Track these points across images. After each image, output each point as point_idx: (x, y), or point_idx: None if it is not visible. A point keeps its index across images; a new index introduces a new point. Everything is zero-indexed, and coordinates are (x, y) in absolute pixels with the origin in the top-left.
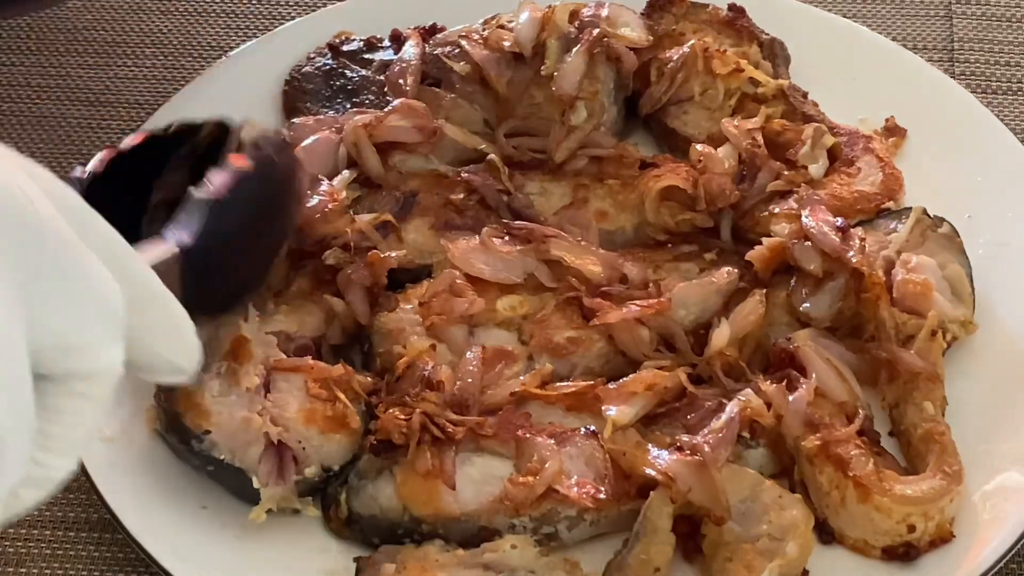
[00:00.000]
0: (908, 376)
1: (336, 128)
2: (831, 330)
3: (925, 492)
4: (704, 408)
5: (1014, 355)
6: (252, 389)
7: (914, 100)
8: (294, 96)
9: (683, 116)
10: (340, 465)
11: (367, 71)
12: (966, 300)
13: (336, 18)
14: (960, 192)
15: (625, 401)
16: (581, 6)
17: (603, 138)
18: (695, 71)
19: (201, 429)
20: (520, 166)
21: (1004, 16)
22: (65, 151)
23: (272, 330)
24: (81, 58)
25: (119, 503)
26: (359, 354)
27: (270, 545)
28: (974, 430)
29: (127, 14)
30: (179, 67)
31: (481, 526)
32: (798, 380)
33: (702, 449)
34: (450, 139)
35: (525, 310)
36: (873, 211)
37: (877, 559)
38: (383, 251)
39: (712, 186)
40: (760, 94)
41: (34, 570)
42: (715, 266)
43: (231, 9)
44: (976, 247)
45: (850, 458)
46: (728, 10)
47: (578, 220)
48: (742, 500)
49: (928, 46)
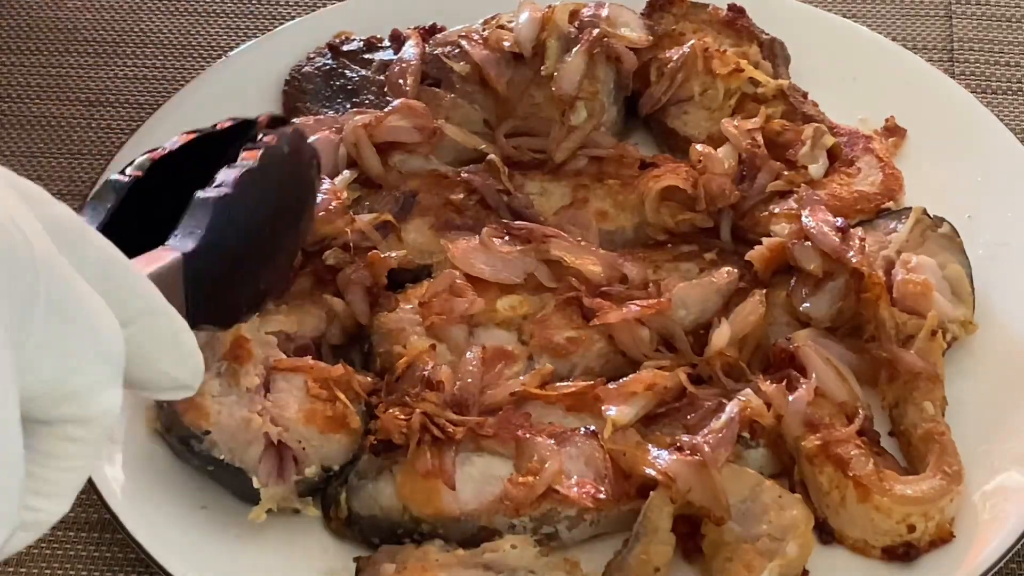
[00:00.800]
0: (908, 376)
1: (336, 128)
2: (831, 330)
3: (925, 492)
4: (704, 408)
5: (1014, 355)
6: (252, 389)
7: (914, 100)
8: (294, 96)
9: (683, 116)
10: (340, 465)
11: (367, 71)
12: (966, 300)
13: (336, 18)
14: (960, 192)
15: (625, 401)
16: (581, 6)
17: (603, 138)
18: (695, 71)
19: (201, 429)
20: (520, 166)
21: (1004, 16)
22: (65, 151)
23: (272, 330)
24: (81, 58)
25: (119, 503)
26: (359, 354)
27: (270, 545)
28: (974, 430)
29: (127, 14)
30: (179, 67)
31: (481, 526)
32: (798, 380)
33: (702, 449)
34: (450, 139)
35: (525, 310)
36: (873, 211)
37: (877, 559)
38: (383, 251)
39: (712, 186)
40: (760, 94)
41: (34, 570)
42: (715, 266)
43: (231, 9)
44: (976, 247)
45: (850, 458)
46: (728, 10)
47: (578, 220)
48: (742, 500)
49: (928, 46)
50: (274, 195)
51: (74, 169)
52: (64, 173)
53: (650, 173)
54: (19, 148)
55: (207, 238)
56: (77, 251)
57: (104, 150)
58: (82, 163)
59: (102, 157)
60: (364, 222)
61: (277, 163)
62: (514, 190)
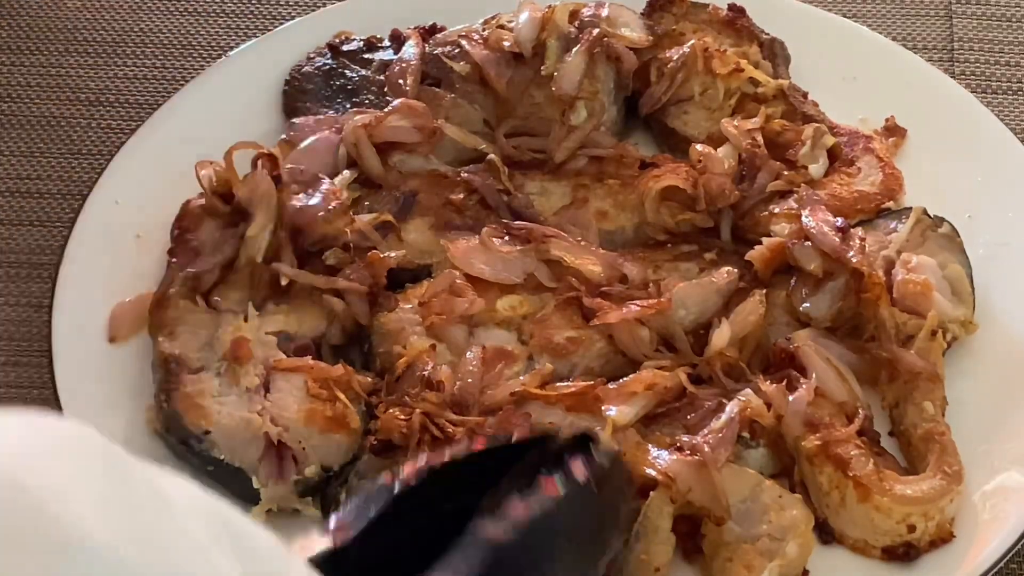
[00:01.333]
0: (908, 376)
1: (336, 128)
2: (831, 330)
3: (925, 492)
4: (704, 408)
5: (1014, 355)
6: (252, 389)
7: (914, 100)
8: (294, 96)
9: (683, 116)
10: (340, 465)
11: (367, 71)
12: (966, 300)
13: (336, 18)
14: (960, 192)
15: (625, 401)
16: (581, 6)
17: (603, 138)
18: (695, 71)
19: (201, 429)
20: (520, 166)
21: (1004, 16)
22: (65, 151)
23: (272, 330)
24: (81, 58)
25: None
26: (359, 354)
27: None
28: (974, 430)
29: (127, 14)
30: (179, 67)
31: None
32: (798, 380)
33: (702, 449)
34: (450, 139)
35: (525, 310)
36: (873, 211)
37: (877, 559)
38: (383, 251)
39: (712, 186)
40: (760, 94)
41: None
42: (715, 266)
43: (231, 9)
44: (976, 247)
45: (850, 458)
46: (728, 10)
47: (578, 220)
48: (742, 500)
49: (928, 46)
50: (567, 541)
51: (74, 169)
52: (64, 173)
53: (650, 173)
54: (19, 148)
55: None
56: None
57: (104, 150)
58: (82, 163)
59: (102, 157)
60: (364, 222)
61: (581, 503)
62: (514, 190)
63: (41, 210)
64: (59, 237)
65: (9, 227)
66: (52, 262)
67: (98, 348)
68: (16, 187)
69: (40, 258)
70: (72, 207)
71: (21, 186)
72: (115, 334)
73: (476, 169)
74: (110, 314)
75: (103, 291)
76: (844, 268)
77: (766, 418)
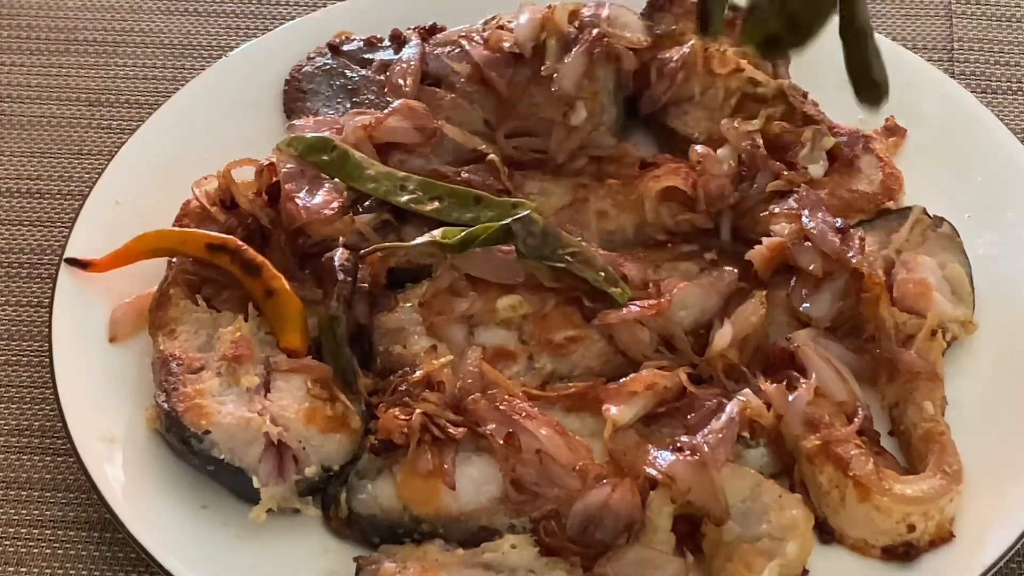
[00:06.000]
0: (908, 376)
1: (336, 128)
2: (831, 330)
3: (925, 492)
4: (704, 408)
5: (1014, 355)
6: (252, 389)
7: (914, 100)
8: (294, 96)
9: (683, 116)
10: (340, 465)
11: (367, 71)
12: (966, 300)
13: (336, 18)
14: (960, 192)
15: (625, 401)
16: (581, 6)
17: (603, 138)
18: (695, 71)
19: (201, 429)
20: (520, 166)
21: (1004, 16)
22: (66, 151)
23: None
24: (81, 58)
25: (119, 503)
26: (359, 354)
27: (270, 545)
28: (974, 430)
29: (127, 14)
30: (179, 67)
31: (481, 526)
32: (798, 380)
33: (702, 449)
34: (450, 139)
35: (525, 310)
36: (873, 211)
37: (877, 559)
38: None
39: (711, 187)
40: (760, 94)
41: (34, 570)
42: (715, 266)
43: (231, 9)
44: (976, 247)
45: (850, 458)
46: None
47: (578, 220)
48: (742, 500)
49: (928, 46)
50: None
51: (74, 169)
52: (64, 173)
53: (650, 173)
54: (20, 148)
55: None
56: None
57: (105, 149)
58: (83, 162)
59: (103, 156)
60: (364, 222)
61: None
62: (514, 190)
63: (41, 210)
64: (59, 237)
65: (9, 227)
66: (52, 262)
67: (98, 348)
68: (16, 187)
69: (40, 258)
70: (72, 207)
71: (21, 186)
72: (115, 334)
73: (476, 169)
74: (110, 314)
75: (103, 291)
76: (844, 268)
77: (766, 418)
